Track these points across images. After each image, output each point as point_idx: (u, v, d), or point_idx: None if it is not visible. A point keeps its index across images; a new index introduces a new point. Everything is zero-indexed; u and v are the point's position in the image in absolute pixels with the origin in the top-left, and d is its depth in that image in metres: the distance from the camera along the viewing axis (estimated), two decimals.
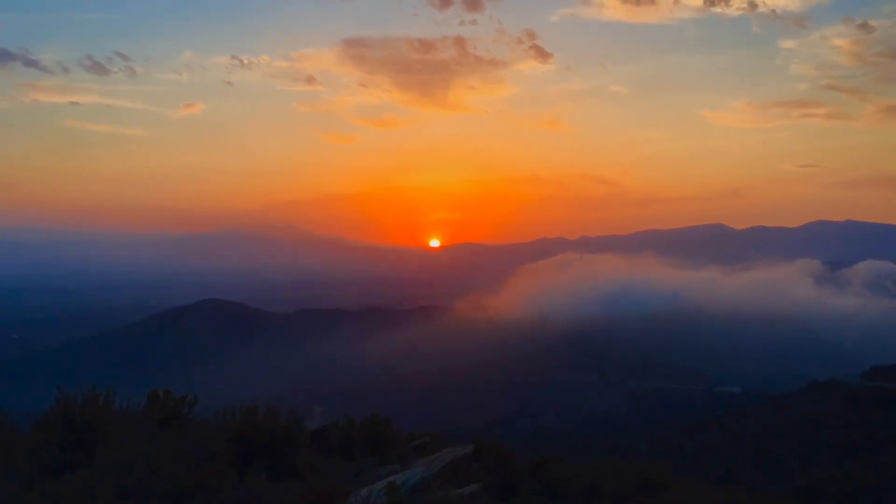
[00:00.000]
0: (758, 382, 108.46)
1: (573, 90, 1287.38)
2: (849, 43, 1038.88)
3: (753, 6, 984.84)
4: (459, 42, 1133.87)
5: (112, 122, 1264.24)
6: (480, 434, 14.83)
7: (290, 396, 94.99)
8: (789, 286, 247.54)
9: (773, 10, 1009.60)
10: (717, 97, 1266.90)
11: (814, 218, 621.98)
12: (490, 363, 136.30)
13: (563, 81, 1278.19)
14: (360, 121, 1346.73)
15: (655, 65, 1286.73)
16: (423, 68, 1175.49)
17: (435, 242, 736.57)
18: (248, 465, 11.15)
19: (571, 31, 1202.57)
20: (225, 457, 10.74)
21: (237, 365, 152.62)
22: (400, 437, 15.39)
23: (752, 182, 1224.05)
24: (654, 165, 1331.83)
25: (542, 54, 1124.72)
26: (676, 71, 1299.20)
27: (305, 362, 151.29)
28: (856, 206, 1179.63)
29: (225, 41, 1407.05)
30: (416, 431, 17.63)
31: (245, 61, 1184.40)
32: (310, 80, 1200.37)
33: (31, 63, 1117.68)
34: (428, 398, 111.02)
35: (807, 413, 52.62)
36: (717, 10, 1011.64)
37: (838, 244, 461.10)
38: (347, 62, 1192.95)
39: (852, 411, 49.20)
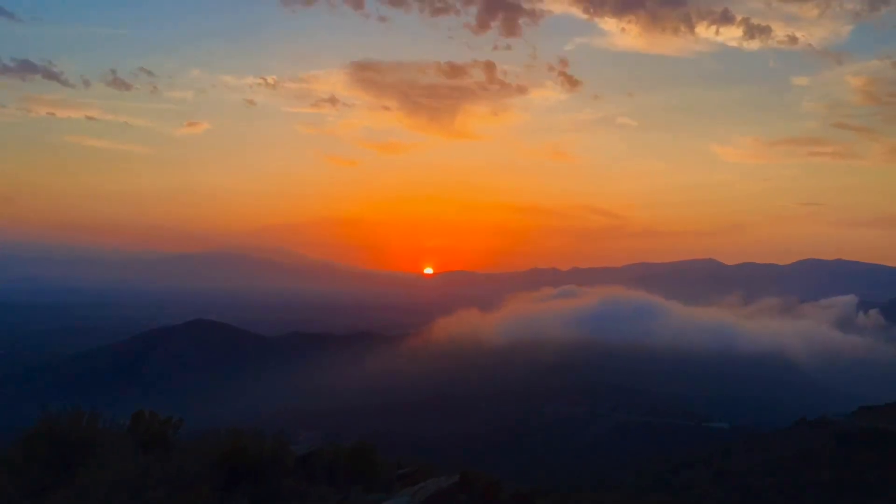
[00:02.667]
0: (746, 419, 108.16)
1: (582, 120, 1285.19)
2: (863, 82, 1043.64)
3: (794, 40, 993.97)
4: (489, 66, 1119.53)
5: (115, 138, 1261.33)
6: (467, 464, 14.70)
7: (276, 420, 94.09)
8: (747, 323, 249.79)
9: (810, 45, 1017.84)
10: (724, 132, 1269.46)
11: (806, 256, 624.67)
12: (477, 392, 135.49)
13: (573, 111, 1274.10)
14: (365, 144, 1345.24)
15: (666, 97, 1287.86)
16: (434, 93, 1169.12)
17: (429, 269, 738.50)
18: (232, 489, 10.99)
19: (595, 60, 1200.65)
20: (208, 481, 10.60)
21: (224, 387, 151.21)
22: (386, 465, 15.23)
23: (752, 218, 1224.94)
24: (657, 199, 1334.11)
25: (572, 82, 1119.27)
26: (686, 104, 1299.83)
27: (293, 386, 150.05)
28: (850, 246, 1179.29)
29: (233, 61, 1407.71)
30: (402, 459, 17.49)
31: (259, 82, 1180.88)
32: (317, 102, 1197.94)
33: (52, 76, 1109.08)
34: (414, 425, 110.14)
35: (796, 451, 52.30)
36: (747, 45, 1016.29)
37: (823, 283, 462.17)
38: (356, 86, 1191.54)
39: (841, 450, 48.94)
